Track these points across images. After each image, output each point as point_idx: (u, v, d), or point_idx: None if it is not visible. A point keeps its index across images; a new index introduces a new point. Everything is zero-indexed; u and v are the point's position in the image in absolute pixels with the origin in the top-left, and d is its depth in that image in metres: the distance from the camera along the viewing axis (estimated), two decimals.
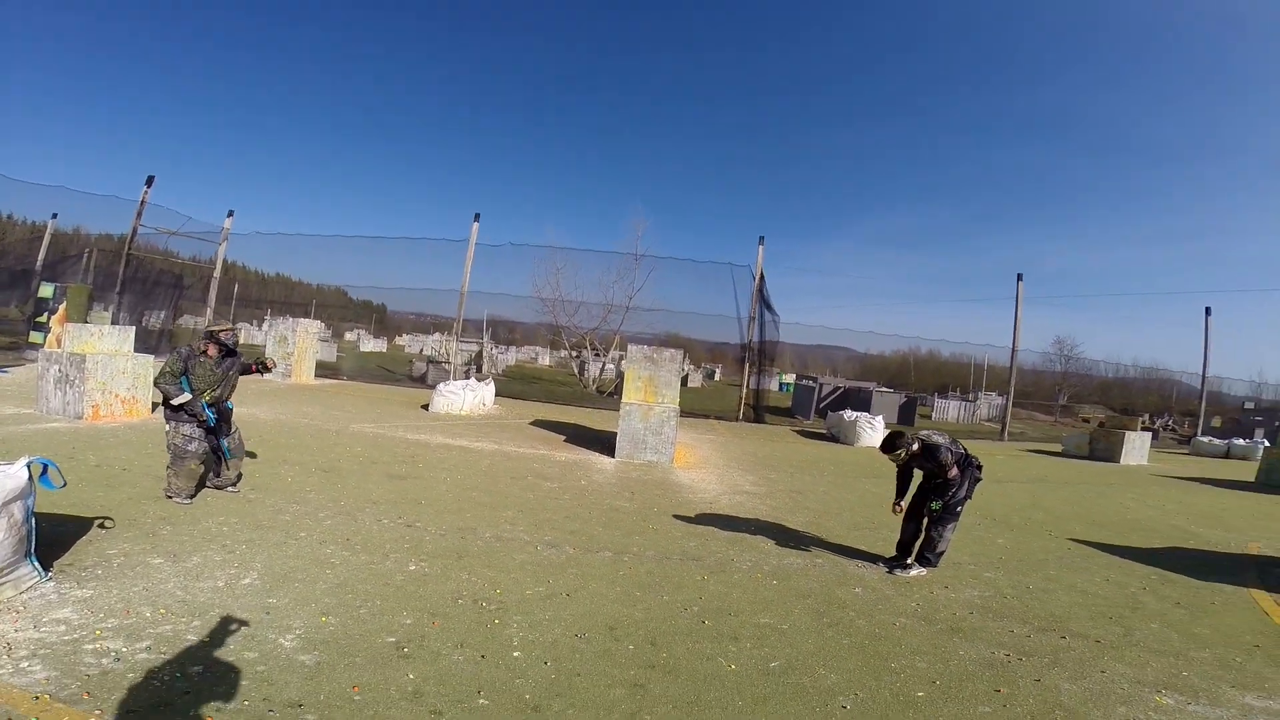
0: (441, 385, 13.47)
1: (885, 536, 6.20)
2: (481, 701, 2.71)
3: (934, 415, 28.61)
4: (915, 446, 5.08)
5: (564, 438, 11.21)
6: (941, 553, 5.19)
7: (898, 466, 5.26)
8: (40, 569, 3.42)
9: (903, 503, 5.28)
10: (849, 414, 15.42)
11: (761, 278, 17.61)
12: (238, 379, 5.63)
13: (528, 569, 4.46)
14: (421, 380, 19.36)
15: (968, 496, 5.19)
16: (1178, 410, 32.08)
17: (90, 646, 2.83)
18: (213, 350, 5.32)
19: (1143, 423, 17.53)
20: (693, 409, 20.28)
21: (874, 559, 5.43)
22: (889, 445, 5.17)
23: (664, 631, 3.61)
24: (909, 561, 5.21)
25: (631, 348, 10.92)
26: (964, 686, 3.25)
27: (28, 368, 12.17)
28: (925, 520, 5.16)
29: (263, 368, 6.03)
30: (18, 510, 3.22)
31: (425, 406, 13.34)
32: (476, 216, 17.68)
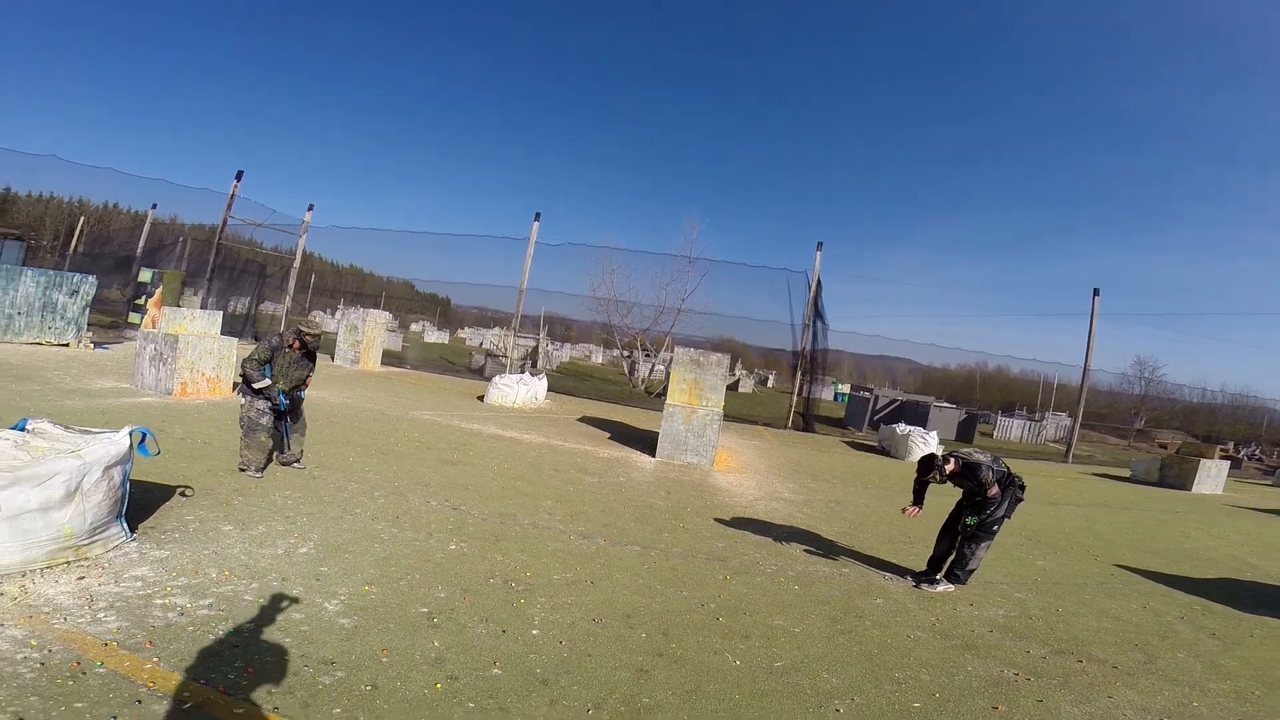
0: (497, 378, 14.01)
1: (920, 552, 6.14)
2: (495, 671, 2.96)
3: (996, 434, 27.44)
4: (951, 465, 5.05)
5: (609, 435, 11.49)
6: (972, 570, 5.14)
7: (931, 483, 5.24)
8: (128, 530, 3.87)
9: (916, 508, 5.25)
10: (902, 427, 15.08)
11: (818, 284, 17.41)
12: (310, 376, 6.13)
13: (558, 556, 4.72)
14: (480, 373, 20.12)
15: (1006, 516, 5.12)
16: (1267, 440, 29.58)
17: (160, 602, 3.21)
18: (296, 345, 5.85)
19: (1224, 451, 16.38)
20: (741, 414, 20.25)
21: (903, 572, 5.42)
22: (924, 468, 5.16)
23: (678, 624, 3.78)
24: (938, 577, 5.18)
25: (678, 350, 11.08)
26: (963, 701, 3.28)
27: (126, 345, 13.42)
28: (960, 537, 5.12)
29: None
30: (117, 474, 3.70)
31: (481, 398, 13.92)
32: (537, 216, 18.30)
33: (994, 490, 4.97)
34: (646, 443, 10.56)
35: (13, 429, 3.63)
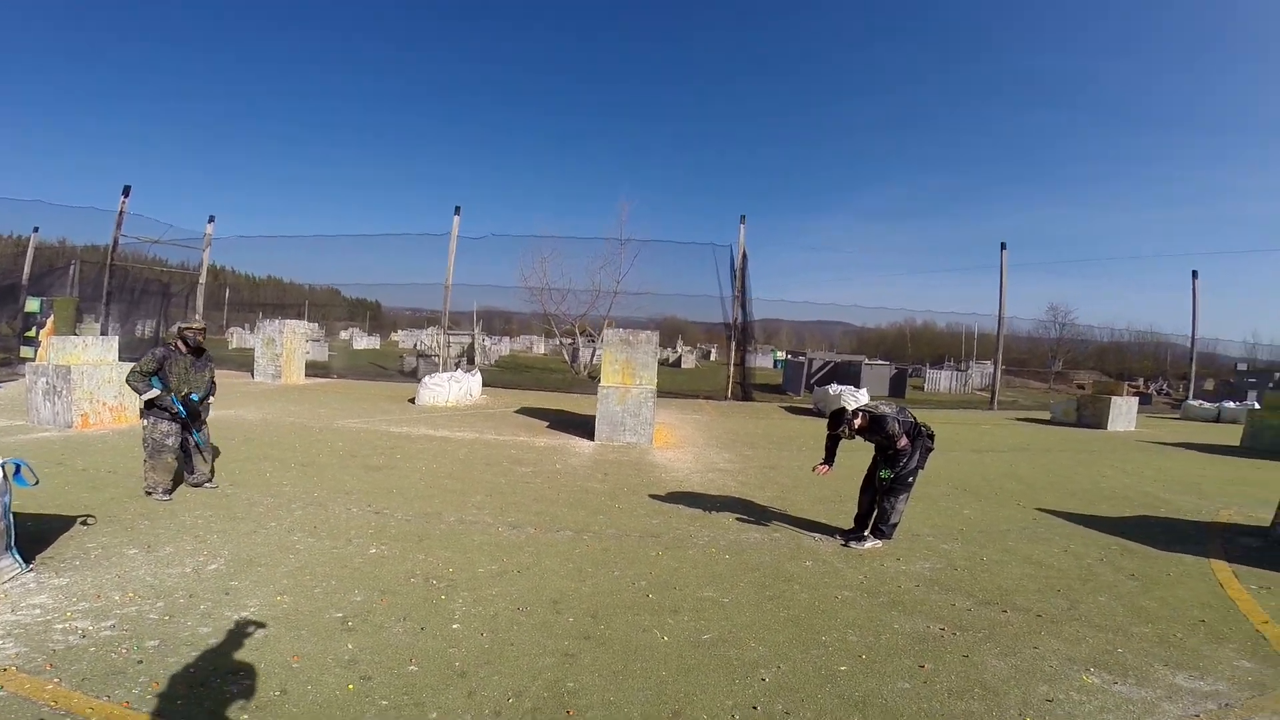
0: (426, 378, 13.68)
1: (849, 509, 6.22)
2: (411, 669, 2.91)
3: (926, 386, 28.73)
4: (859, 421, 5.18)
5: (547, 424, 11.42)
6: (895, 524, 5.26)
7: (841, 440, 5.38)
8: (21, 561, 3.65)
9: (826, 465, 5.41)
10: (834, 388, 15.61)
11: (744, 257, 17.71)
12: (211, 377, 5.82)
13: (485, 549, 4.67)
14: (413, 375, 19.56)
15: (920, 466, 5.26)
16: (1173, 374, 32.01)
17: (60, 626, 3.08)
18: (182, 347, 5.53)
19: (1135, 387, 17.63)
20: (682, 389, 20.49)
21: (833, 532, 5.51)
22: (833, 422, 5.29)
23: (607, 605, 3.80)
24: (865, 534, 5.32)
25: (608, 332, 11.10)
26: (889, 661, 3.30)
27: (19, 382, 12.38)
28: (878, 492, 5.26)
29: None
30: None
31: (412, 400, 13.55)
32: (457, 210, 17.80)
33: (903, 442, 5.09)
34: (586, 428, 10.53)
35: None
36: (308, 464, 7.16)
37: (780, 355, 37.49)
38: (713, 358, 43.92)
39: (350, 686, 2.74)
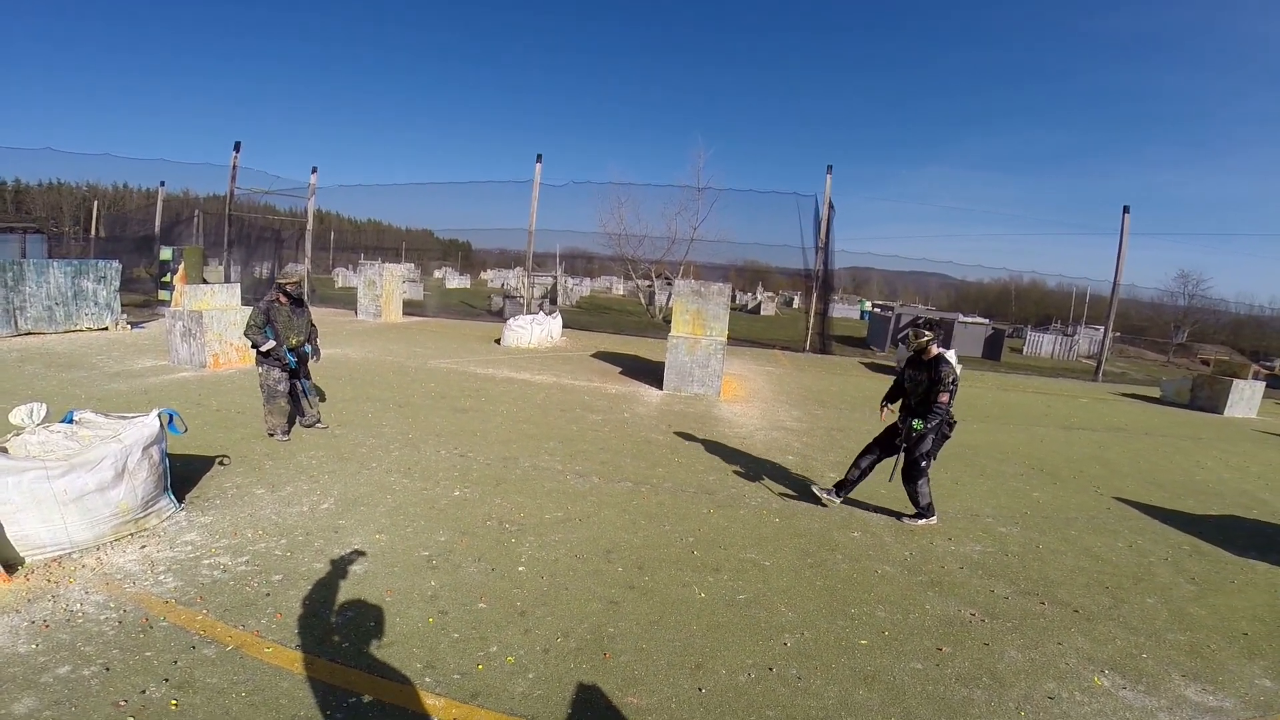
0: (511, 320, 14.42)
1: None
2: (480, 606, 3.44)
3: (1026, 349, 26.91)
4: (932, 345, 4.98)
5: (620, 370, 11.87)
6: (928, 504, 5.11)
7: (906, 360, 5.22)
8: (175, 501, 4.40)
9: (889, 406, 5.32)
10: None
11: (830, 207, 17.04)
12: (309, 320, 6.46)
13: (553, 496, 5.17)
14: (499, 315, 20.56)
15: (933, 456, 5.01)
16: None
17: (207, 562, 3.75)
18: (283, 299, 6.20)
19: (1268, 369, 15.63)
20: (759, 338, 20.40)
21: (888, 507, 5.43)
22: (915, 330, 5.04)
23: (654, 558, 4.19)
24: (836, 495, 5.32)
25: (678, 282, 11.24)
26: (909, 641, 3.40)
27: (160, 322, 14.14)
28: (901, 457, 5.10)
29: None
30: (155, 452, 4.19)
31: (498, 341, 14.38)
32: (539, 157, 18.11)
33: (945, 397, 4.80)
34: (656, 375, 10.84)
35: (62, 422, 4.12)
36: (403, 404, 7.95)
37: (868, 306, 36.10)
38: (795, 305, 42.90)
39: (430, 620, 3.29)
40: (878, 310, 26.17)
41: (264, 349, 6.03)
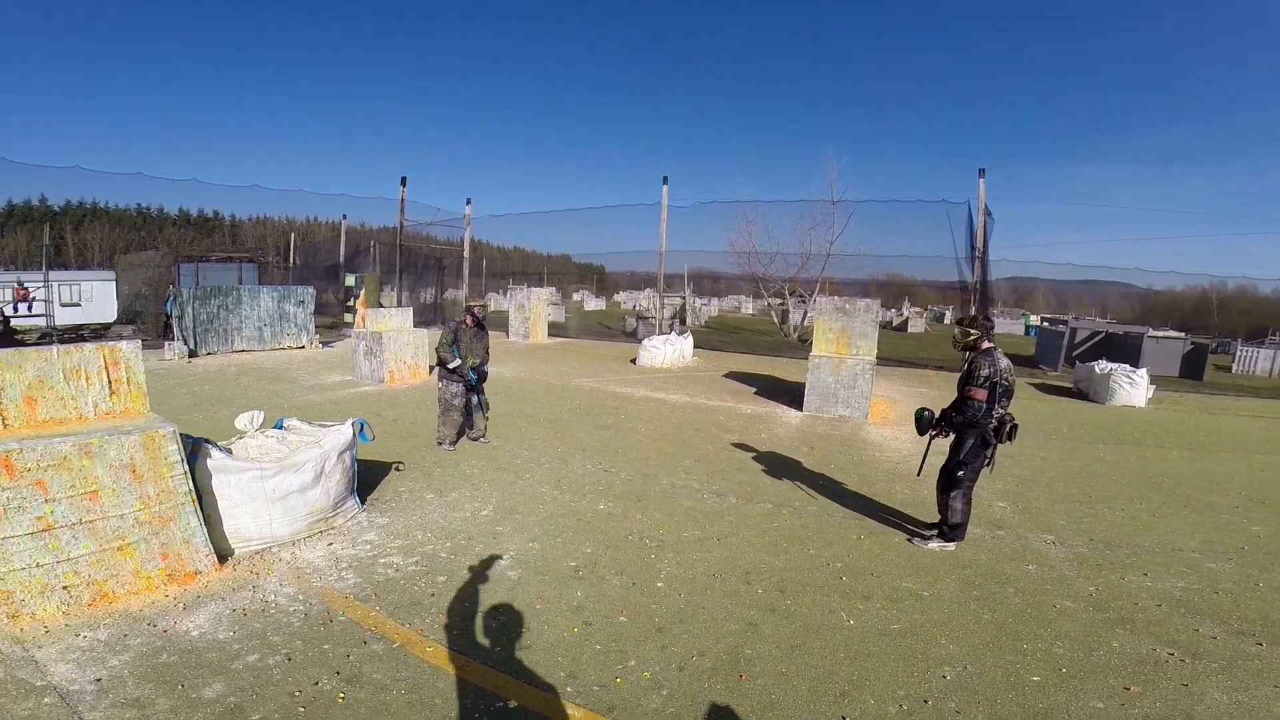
0: (645, 341, 14.82)
1: (1098, 513, 5.65)
2: (621, 619, 3.53)
3: (1235, 366, 22.58)
4: (986, 336, 4.65)
5: (754, 390, 11.70)
6: (956, 525, 4.67)
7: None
8: (359, 502, 5.00)
9: (934, 431, 4.91)
10: (1103, 365, 13.03)
11: (985, 213, 15.68)
12: (487, 344, 7.11)
13: (691, 514, 5.21)
14: (633, 335, 21.17)
15: (987, 464, 4.65)
16: None
17: (383, 561, 4.17)
18: (469, 321, 6.86)
19: None
20: (907, 357, 19.11)
21: (1069, 539, 4.97)
22: (961, 329, 4.80)
23: (797, 582, 4.07)
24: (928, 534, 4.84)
25: (821, 299, 10.92)
26: (1091, 679, 3.10)
27: (346, 342, 16.23)
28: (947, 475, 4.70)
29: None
30: (348, 458, 4.82)
31: (634, 360, 14.81)
32: (665, 180, 18.54)
33: (978, 393, 4.43)
34: (794, 396, 10.59)
35: (275, 428, 4.88)
36: (552, 420, 8.44)
37: (1033, 320, 32.47)
38: (946, 321, 39.68)
39: (575, 630, 3.43)
40: (1047, 324, 23.45)
41: (450, 366, 6.71)
